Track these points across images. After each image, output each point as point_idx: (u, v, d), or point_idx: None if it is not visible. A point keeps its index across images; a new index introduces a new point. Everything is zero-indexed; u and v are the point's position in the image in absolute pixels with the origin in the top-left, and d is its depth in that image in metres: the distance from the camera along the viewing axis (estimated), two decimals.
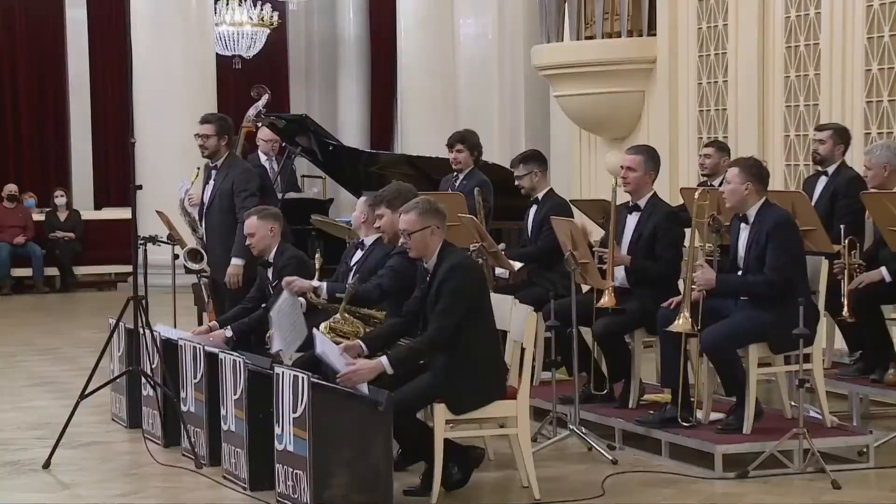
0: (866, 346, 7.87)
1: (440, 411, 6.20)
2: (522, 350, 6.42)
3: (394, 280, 6.86)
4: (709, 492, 6.40)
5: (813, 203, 8.11)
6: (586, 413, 7.45)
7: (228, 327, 7.59)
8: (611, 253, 7.52)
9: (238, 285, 8.38)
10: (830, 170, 8.32)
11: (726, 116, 10.79)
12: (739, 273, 7.09)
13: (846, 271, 7.54)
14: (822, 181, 8.34)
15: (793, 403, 7.16)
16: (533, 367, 6.85)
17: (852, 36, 9.74)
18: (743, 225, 7.13)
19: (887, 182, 7.80)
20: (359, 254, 7.38)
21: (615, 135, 11.94)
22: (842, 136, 8.42)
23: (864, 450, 6.84)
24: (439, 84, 16.41)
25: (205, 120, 9.01)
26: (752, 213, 7.08)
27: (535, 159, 8.69)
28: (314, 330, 6.53)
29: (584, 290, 7.82)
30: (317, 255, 7.40)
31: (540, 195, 8.54)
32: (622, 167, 7.75)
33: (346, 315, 6.67)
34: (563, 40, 11.99)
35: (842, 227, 7.65)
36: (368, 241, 7.32)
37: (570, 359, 7.48)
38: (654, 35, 11.75)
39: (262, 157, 10.63)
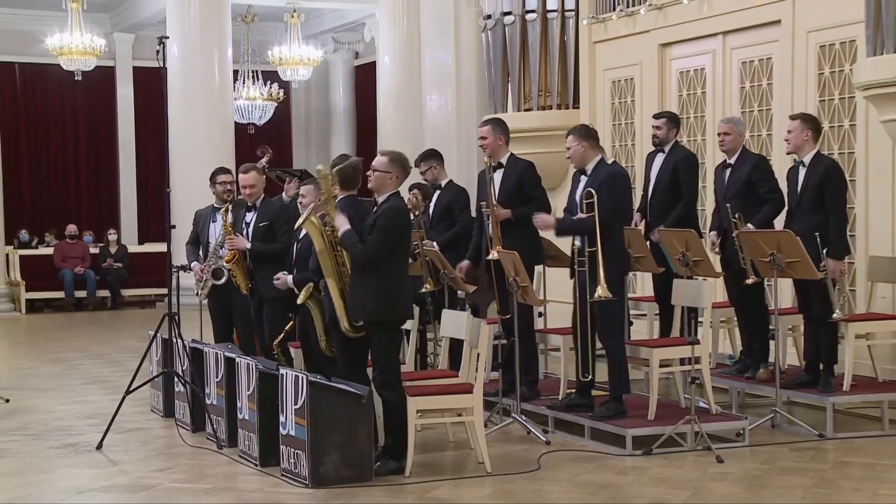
0: (752, 351, 7.88)
1: (413, 403, 6.17)
2: (477, 354, 6.41)
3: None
4: (621, 466, 6.39)
5: (655, 176, 8.07)
6: (525, 404, 7.44)
7: None
8: (492, 211, 7.44)
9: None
10: (667, 148, 8.17)
11: (634, 171, 10.83)
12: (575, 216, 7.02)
13: (738, 238, 7.41)
14: (659, 157, 8.20)
15: (686, 396, 7.17)
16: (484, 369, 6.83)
17: (729, 112, 9.82)
18: (583, 178, 7.07)
19: (737, 146, 7.75)
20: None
21: (548, 186, 11.89)
22: (675, 121, 8.28)
23: (741, 432, 6.87)
24: (409, 146, 16.25)
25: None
26: (589, 168, 7.04)
27: (433, 156, 8.59)
28: None
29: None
30: None
31: (442, 183, 8.51)
32: (479, 138, 7.76)
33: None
34: (507, 111, 12.03)
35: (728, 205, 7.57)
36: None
37: (511, 362, 7.43)
38: (578, 108, 11.81)
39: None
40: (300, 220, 6.40)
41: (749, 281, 7.30)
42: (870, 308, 7.90)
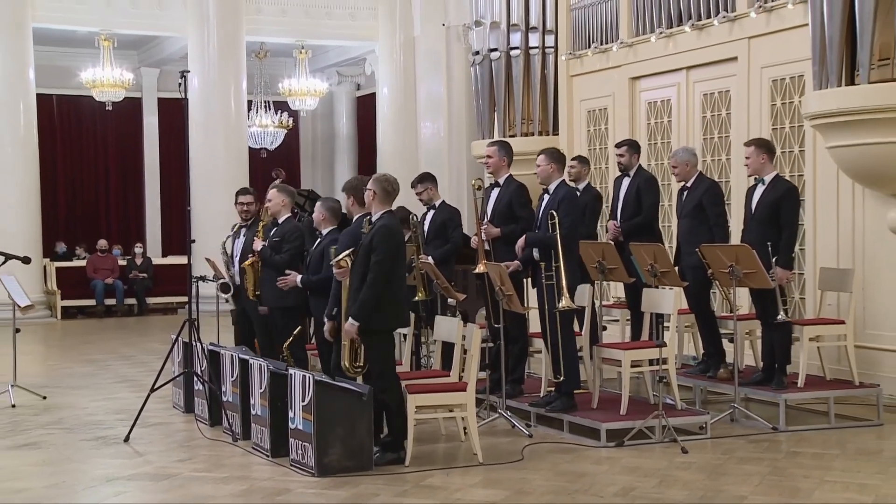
0: (709, 352, 7.91)
1: (412, 400, 6.16)
2: (471, 356, 6.40)
3: None
4: (596, 456, 6.39)
5: (622, 198, 8.08)
6: (510, 401, 7.42)
7: None
8: (478, 228, 7.44)
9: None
10: (632, 172, 8.22)
11: (608, 192, 10.85)
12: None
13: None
14: (625, 181, 8.24)
15: (654, 393, 7.18)
16: None
17: (692, 139, 9.86)
18: (545, 196, 7.09)
19: (690, 174, 7.81)
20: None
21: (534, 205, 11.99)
22: (635, 147, 8.31)
23: (704, 425, 6.86)
24: (407, 168, 16.38)
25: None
26: (552, 187, 7.06)
27: (429, 178, 8.51)
28: None
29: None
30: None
31: (436, 203, 8.46)
32: (484, 156, 7.73)
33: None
34: (493, 137, 12.05)
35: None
36: (324, 231, 7.27)
37: (498, 364, 7.43)
38: (557, 134, 11.84)
39: None
40: (339, 257, 6.27)
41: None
42: (819, 314, 7.92)
